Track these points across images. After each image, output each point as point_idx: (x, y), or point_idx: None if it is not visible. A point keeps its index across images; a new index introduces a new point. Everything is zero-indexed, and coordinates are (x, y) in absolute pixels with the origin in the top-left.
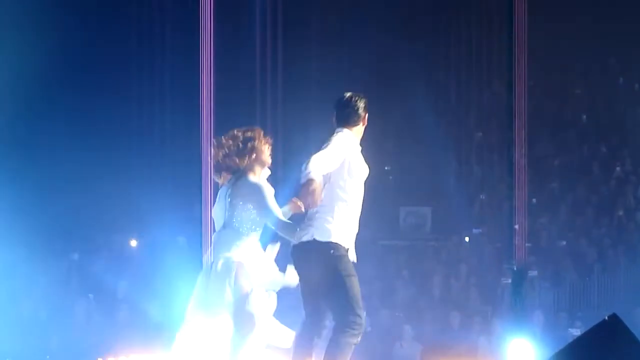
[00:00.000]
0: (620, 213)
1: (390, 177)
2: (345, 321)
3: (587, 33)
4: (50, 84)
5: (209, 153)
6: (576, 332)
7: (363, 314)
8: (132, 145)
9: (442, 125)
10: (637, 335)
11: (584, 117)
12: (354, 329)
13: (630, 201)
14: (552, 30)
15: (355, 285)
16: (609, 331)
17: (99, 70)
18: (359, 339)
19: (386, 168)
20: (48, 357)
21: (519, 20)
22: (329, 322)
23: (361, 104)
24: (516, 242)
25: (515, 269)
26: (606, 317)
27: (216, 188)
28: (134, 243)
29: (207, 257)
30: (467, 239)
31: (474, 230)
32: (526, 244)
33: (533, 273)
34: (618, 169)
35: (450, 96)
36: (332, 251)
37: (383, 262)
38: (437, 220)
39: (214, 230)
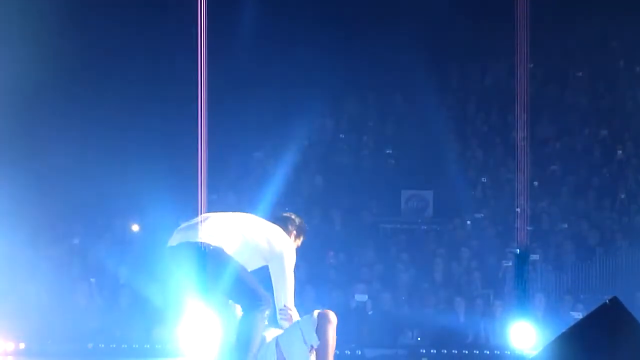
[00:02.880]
0: (622, 196)
1: (392, 161)
2: None
3: (588, 16)
4: (49, 69)
5: (206, 136)
6: (578, 315)
7: None
8: (133, 128)
9: (443, 108)
10: (638, 318)
11: (586, 100)
12: None
13: (631, 184)
14: (554, 13)
15: None
16: (610, 314)
17: (98, 55)
18: None
19: (387, 151)
20: None
21: (521, 3)
22: None
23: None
24: (518, 225)
25: (516, 252)
26: (607, 301)
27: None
28: (135, 227)
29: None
30: (468, 222)
31: (481, 213)
32: (528, 227)
33: (535, 257)
34: (619, 152)
35: (452, 79)
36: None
37: (384, 246)
38: (439, 203)
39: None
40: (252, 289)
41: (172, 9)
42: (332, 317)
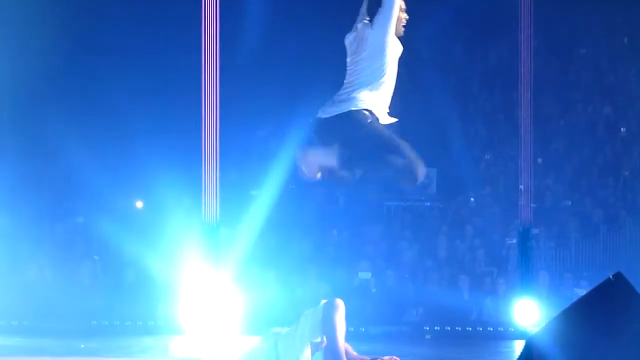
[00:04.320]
0: (626, 173)
1: None
2: None
3: None
4: (56, 49)
5: (211, 114)
6: (581, 292)
7: None
8: (137, 106)
9: (447, 86)
10: None
11: (589, 77)
12: None
13: (635, 161)
14: None
15: None
16: (613, 290)
17: (105, 34)
18: None
19: (391, 129)
20: (82, 346)
21: None
22: None
23: None
24: (521, 202)
25: (520, 229)
26: (611, 276)
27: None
28: (139, 204)
29: None
30: (472, 199)
31: (484, 190)
32: (531, 204)
33: (541, 234)
34: (623, 129)
35: (456, 57)
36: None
37: (388, 223)
38: (443, 181)
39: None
40: None
41: None
42: (338, 303)
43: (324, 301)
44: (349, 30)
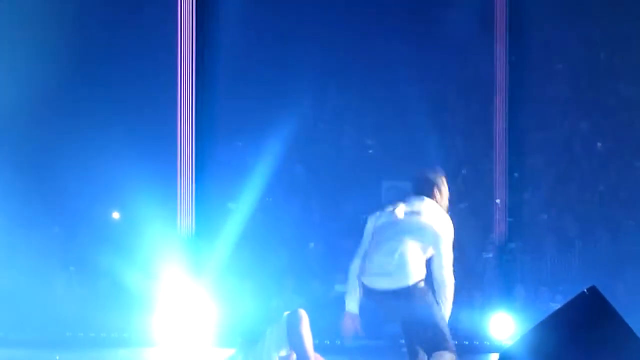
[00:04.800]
0: (602, 188)
1: (371, 151)
2: None
3: (569, 7)
4: (30, 59)
5: (186, 125)
6: (557, 306)
7: None
8: (113, 115)
9: (423, 99)
10: (617, 309)
11: (566, 92)
12: None
13: (611, 176)
14: (534, 5)
15: None
16: (588, 303)
17: (80, 44)
18: None
19: (368, 142)
20: (57, 357)
21: None
22: None
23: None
24: (497, 216)
25: (496, 243)
26: (585, 290)
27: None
28: (116, 215)
29: None
30: (448, 213)
31: (460, 204)
32: (508, 219)
33: (517, 248)
34: (599, 144)
35: (433, 70)
36: None
37: None
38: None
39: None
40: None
41: None
42: (300, 314)
43: (286, 313)
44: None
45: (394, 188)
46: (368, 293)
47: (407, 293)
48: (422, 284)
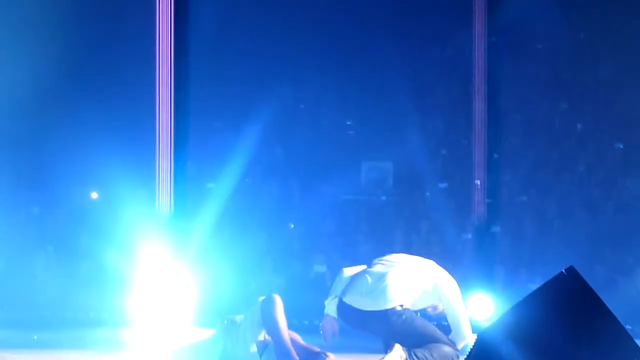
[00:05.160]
0: (582, 169)
1: (351, 132)
2: None
3: None
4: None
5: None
6: (536, 287)
7: None
8: (90, 96)
9: (403, 79)
10: (596, 290)
11: (546, 72)
12: None
13: (591, 157)
14: None
15: None
16: (566, 284)
17: (51, 25)
18: None
19: (347, 122)
20: (35, 337)
21: None
22: None
23: None
24: (477, 197)
25: (475, 224)
26: (564, 270)
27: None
28: (94, 195)
29: None
30: (428, 194)
31: (440, 185)
32: (487, 200)
33: (496, 229)
34: (579, 125)
35: (412, 50)
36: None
37: (344, 217)
38: (399, 175)
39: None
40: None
41: None
42: (273, 299)
43: (261, 298)
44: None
45: (374, 169)
46: (345, 311)
47: (384, 315)
48: (399, 308)
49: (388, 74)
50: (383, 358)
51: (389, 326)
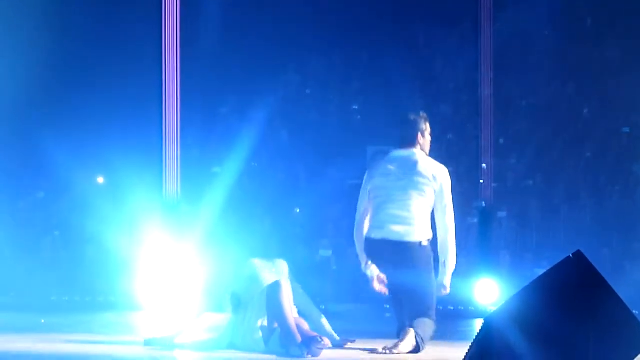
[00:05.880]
0: (588, 154)
1: (358, 117)
2: None
3: None
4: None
5: (172, 91)
6: (542, 271)
7: None
8: (97, 81)
9: (409, 64)
10: (602, 274)
11: (552, 58)
12: None
13: (597, 142)
14: None
15: None
16: (573, 268)
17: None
18: None
19: (354, 107)
20: (43, 321)
21: None
22: None
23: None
24: (483, 182)
25: (481, 208)
26: (571, 255)
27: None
28: (100, 180)
29: None
30: None
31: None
32: (493, 184)
33: (502, 214)
34: (585, 110)
35: (418, 35)
36: None
37: (351, 202)
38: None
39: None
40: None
41: None
42: (280, 285)
43: (267, 284)
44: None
45: (380, 153)
46: (371, 246)
47: (413, 249)
48: (427, 244)
49: (394, 59)
50: (397, 343)
51: (413, 263)
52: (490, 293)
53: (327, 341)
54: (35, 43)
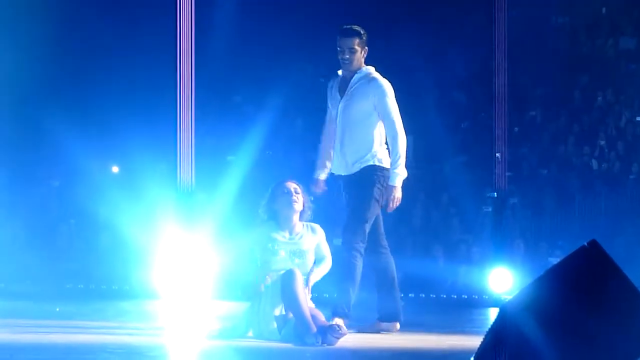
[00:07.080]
0: (602, 142)
1: None
2: None
3: None
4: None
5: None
6: (556, 260)
7: None
8: (112, 71)
9: (423, 54)
10: (617, 262)
11: (566, 46)
12: None
13: (611, 130)
14: None
15: None
16: (588, 257)
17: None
18: None
19: None
20: (58, 309)
21: None
22: None
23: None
24: (497, 170)
25: (496, 197)
26: (586, 244)
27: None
28: (115, 169)
29: None
30: (448, 167)
31: (456, 160)
32: (507, 173)
33: (516, 202)
34: (600, 98)
35: (432, 24)
36: None
37: None
38: (420, 148)
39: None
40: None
41: None
42: (294, 273)
43: (281, 272)
44: None
45: None
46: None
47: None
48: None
49: (408, 48)
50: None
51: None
52: (505, 282)
53: (344, 329)
54: (51, 34)
